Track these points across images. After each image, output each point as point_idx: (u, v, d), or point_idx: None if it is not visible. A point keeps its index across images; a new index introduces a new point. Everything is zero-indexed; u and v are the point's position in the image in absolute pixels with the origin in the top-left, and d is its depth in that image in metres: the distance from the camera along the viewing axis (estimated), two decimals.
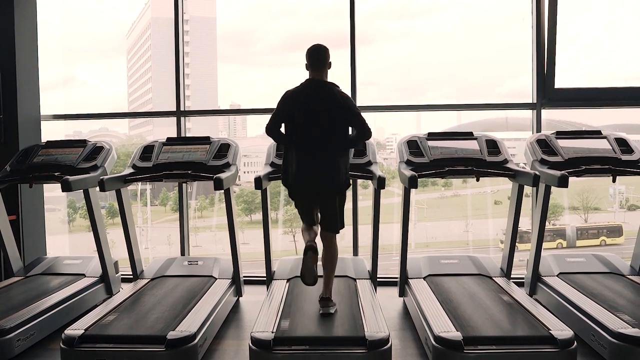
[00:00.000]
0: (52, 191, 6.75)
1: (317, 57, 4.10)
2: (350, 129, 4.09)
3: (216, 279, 5.09)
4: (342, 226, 4.21)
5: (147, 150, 5.32)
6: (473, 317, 3.85)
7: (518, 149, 5.59)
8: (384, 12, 8.41)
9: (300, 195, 4.17)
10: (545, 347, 3.39)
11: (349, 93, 4.26)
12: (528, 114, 6.00)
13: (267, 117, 4.23)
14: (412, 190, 4.67)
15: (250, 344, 3.47)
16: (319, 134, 4.01)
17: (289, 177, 4.11)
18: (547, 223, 4.79)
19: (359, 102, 5.87)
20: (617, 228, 9.00)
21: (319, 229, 4.19)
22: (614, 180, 4.78)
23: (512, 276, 4.97)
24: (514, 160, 4.97)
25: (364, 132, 4.01)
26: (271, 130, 4.12)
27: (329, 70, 4.16)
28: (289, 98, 4.10)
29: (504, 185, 7.54)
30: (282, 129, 4.15)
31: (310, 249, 3.84)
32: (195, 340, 3.65)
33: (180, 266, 5.41)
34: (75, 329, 3.70)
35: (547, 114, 5.94)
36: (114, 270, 5.36)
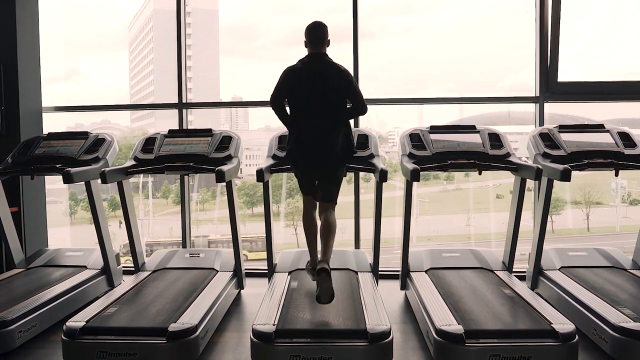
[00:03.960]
0: (53, 183, 6.75)
1: (317, 33, 4.19)
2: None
3: (218, 271, 5.09)
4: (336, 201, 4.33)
5: (149, 143, 5.31)
6: (475, 310, 3.85)
7: (520, 142, 5.57)
8: (387, 7, 8.40)
9: (305, 167, 4.27)
10: (546, 340, 3.38)
11: None
12: (530, 108, 5.99)
13: (269, 110, 4.27)
14: (414, 184, 4.65)
15: (252, 337, 3.47)
16: (321, 107, 4.12)
17: (294, 151, 4.21)
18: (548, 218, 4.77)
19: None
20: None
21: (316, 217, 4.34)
22: (616, 174, 4.76)
23: (514, 270, 4.96)
24: (516, 154, 4.96)
25: (360, 107, 4.20)
26: (276, 100, 4.23)
27: (327, 49, 4.24)
28: (290, 73, 4.20)
29: (506, 179, 7.53)
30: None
31: (323, 271, 3.76)
32: (197, 333, 3.65)
33: (181, 258, 5.41)
34: (77, 321, 3.70)
35: (549, 107, 5.92)
36: (116, 262, 5.36)
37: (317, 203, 4.37)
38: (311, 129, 4.14)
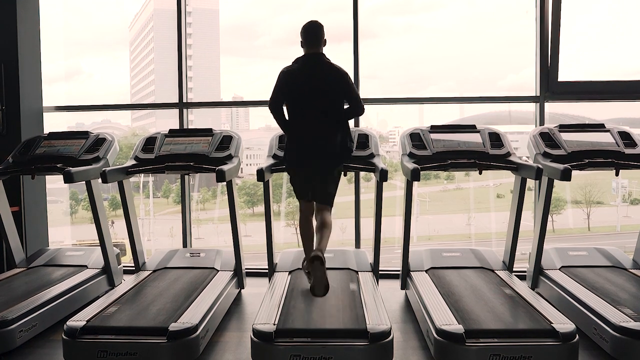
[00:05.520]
0: (54, 183, 6.75)
1: (312, 33, 4.15)
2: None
3: (218, 271, 5.08)
4: (332, 203, 4.32)
5: (150, 142, 5.31)
6: (475, 310, 3.85)
7: (521, 142, 5.57)
8: (387, 6, 8.41)
9: (303, 169, 4.22)
10: (547, 340, 3.38)
11: None
12: (531, 107, 5.98)
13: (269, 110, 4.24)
14: (415, 183, 4.65)
15: (252, 336, 3.46)
16: (319, 109, 4.11)
17: (291, 153, 4.19)
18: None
19: (362, 95, 5.85)
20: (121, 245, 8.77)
21: (313, 218, 4.33)
22: (617, 174, 4.76)
23: (514, 269, 4.96)
24: (517, 153, 4.95)
25: (358, 107, 4.17)
26: (274, 104, 4.19)
27: (324, 48, 4.20)
28: (286, 75, 4.16)
29: (507, 179, 7.54)
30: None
31: (316, 259, 3.80)
32: (197, 332, 3.65)
33: (182, 258, 5.41)
34: (77, 321, 3.70)
35: (550, 107, 5.91)
36: (116, 261, 5.36)
37: (314, 206, 4.35)
38: (309, 130, 4.12)
